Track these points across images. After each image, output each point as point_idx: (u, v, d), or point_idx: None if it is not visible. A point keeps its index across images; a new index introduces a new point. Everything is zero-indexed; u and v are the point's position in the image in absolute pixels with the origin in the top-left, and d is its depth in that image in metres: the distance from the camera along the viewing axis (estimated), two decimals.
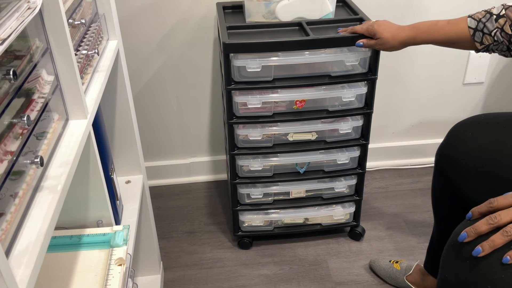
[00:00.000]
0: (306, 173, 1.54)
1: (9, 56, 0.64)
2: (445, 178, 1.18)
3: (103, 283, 0.86)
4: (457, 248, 0.81)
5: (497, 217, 0.77)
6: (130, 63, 1.60)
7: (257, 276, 1.55)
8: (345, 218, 1.64)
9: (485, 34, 1.10)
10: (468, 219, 0.83)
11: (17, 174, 0.62)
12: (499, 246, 0.75)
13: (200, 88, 1.80)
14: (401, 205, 1.83)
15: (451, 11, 1.73)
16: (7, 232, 0.57)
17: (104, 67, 1.02)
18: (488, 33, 1.09)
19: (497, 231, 0.76)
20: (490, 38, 1.09)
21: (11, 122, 0.61)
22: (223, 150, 1.94)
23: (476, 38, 1.11)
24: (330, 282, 1.52)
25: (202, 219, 1.80)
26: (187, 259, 1.63)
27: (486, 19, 1.09)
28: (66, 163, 0.73)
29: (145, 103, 1.80)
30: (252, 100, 1.38)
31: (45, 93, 0.73)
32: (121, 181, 1.30)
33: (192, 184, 1.98)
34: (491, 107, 1.96)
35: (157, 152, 1.92)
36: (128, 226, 0.98)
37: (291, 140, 1.49)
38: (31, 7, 0.66)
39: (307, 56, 1.34)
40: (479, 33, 1.10)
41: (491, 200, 0.80)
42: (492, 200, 0.80)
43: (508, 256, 0.74)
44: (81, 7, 0.94)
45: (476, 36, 1.11)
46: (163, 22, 1.66)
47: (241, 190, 1.55)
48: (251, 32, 1.38)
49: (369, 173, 1.97)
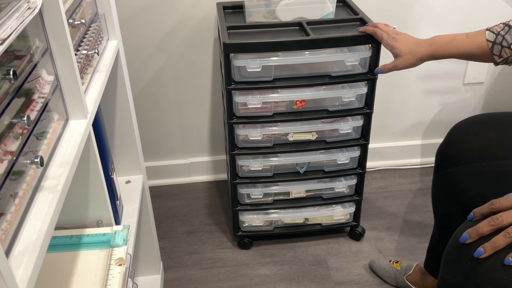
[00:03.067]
0: (306, 173, 1.54)
1: (9, 56, 0.64)
2: (445, 177, 1.18)
3: (103, 283, 0.86)
4: (458, 249, 0.81)
5: (499, 218, 0.77)
6: (130, 63, 1.59)
7: (257, 276, 1.55)
8: (345, 218, 1.64)
9: (504, 47, 1.07)
10: (470, 220, 0.83)
11: (17, 174, 0.62)
12: (501, 247, 0.75)
13: (200, 88, 1.80)
14: (401, 205, 1.83)
15: (453, 11, 1.73)
16: (7, 232, 0.57)
17: (104, 67, 1.02)
18: (507, 46, 1.06)
19: (499, 233, 0.76)
20: (509, 51, 1.07)
21: (11, 122, 0.61)
22: (223, 150, 1.94)
23: (494, 51, 1.09)
24: (330, 282, 1.52)
25: (202, 219, 1.80)
26: (187, 259, 1.63)
27: (504, 32, 1.06)
28: (66, 163, 0.73)
29: (145, 103, 1.80)
30: (252, 100, 1.38)
31: (45, 93, 0.73)
32: (121, 181, 1.30)
33: (192, 184, 1.98)
34: (491, 107, 1.96)
35: (157, 152, 1.92)
36: (128, 226, 0.98)
37: (291, 140, 1.48)
38: (31, 7, 0.66)
39: (307, 56, 1.34)
40: (497, 46, 1.08)
41: (493, 201, 0.80)
42: (494, 201, 0.80)
43: (510, 257, 0.74)
44: (81, 7, 0.93)
45: (495, 49, 1.08)
46: (163, 22, 1.66)
47: (241, 190, 1.55)
48: (251, 32, 1.38)
49: (369, 173, 1.97)
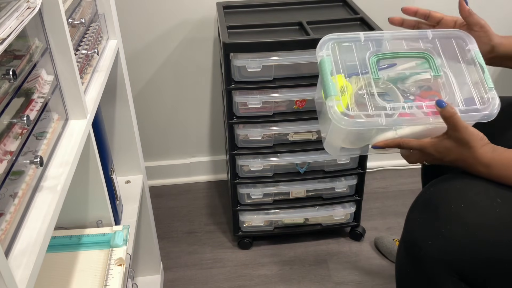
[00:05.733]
0: (306, 173, 1.54)
1: (8, 55, 0.64)
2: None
3: (103, 283, 0.86)
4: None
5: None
6: (130, 63, 1.59)
7: (257, 276, 1.55)
8: (345, 218, 1.64)
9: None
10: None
11: (17, 174, 0.62)
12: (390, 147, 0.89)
13: (200, 88, 1.80)
14: (401, 205, 1.83)
15: (455, 12, 1.73)
16: (7, 232, 0.57)
17: (104, 67, 1.02)
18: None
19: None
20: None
21: (10, 122, 0.61)
22: (223, 150, 1.94)
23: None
24: (330, 282, 1.52)
25: (202, 219, 1.80)
26: (187, 259, 1.63)
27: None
28: (65, 163, 0.73)
29: (145, 103, 1.79)
30: (252, 100, 1.38)
31: (45, 93, 0.73)
32: (121, 181, 1.30)
33: (192, 184, 1.98)
34: None
35: (157, 152, 1.92)
36: (128, 226, 0.98)
37: (291, 140, 1.48)
38: (30, 7, 0.66)
39: (307, 56, 1.34)
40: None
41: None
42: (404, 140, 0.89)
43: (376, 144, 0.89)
44: (80, 7, 0.93)
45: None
46: (163, 22, 1.65)
47: (241, 190, 1.55)
48: (251, 32, 1.38)
49: (369, 173, 1.97)
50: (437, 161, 0.89)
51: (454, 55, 0.94)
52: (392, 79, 0.92)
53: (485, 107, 0.88)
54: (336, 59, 0.92)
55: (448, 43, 0.95)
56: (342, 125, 0.86)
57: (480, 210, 0.82)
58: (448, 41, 0.95)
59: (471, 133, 0.84)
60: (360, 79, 0.90)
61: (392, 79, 0.92)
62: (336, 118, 0.86)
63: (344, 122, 0.85)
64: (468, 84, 0.91)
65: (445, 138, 0.86)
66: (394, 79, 0.92)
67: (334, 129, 0.89)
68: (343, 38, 0.95)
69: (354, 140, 0.96)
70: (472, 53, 0.93)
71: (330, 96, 0.87)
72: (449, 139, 0.85)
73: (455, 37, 0.96)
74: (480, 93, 0.90)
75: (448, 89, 0.90)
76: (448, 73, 0.92)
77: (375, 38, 0.95)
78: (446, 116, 0.84)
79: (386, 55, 0.93)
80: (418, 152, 0.90)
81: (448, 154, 0.86)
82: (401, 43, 0.96)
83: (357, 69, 0.92)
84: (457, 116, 0.83)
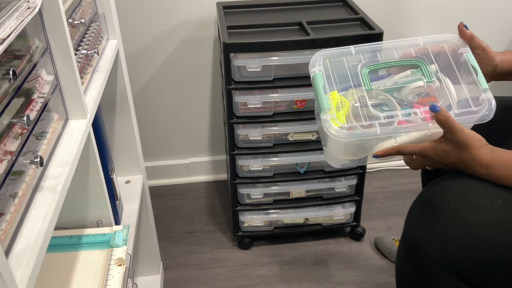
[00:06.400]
0: (306, 173, 1.54)
1: (8, 55, 0.64)
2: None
3: (103, 283, 0.86)
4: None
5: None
6: (130, 63, 1.59)
7: (257, 276, 1.55)
8: (345, 218, 1.64)
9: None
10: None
11: (17, 174, 0.62)
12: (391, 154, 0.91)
13: (200, 88, 1.80)
14: (401, 205, 1.83)
15: (454, 11, 1.73)
16: (7, 232, 0.57)
17: (104, 67, 1.02)
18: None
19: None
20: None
21: (10, 122, 0.61)
22: (223, 150, 1.94)
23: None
24: (330, 282, 1.52)
25: (202, 219, 1.80)
26: (187, 259, 1.63)
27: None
28: (65, 163, 0.73)
29: (145, 103, 1.79)
30: (252, 100, 1.38)
31: (45, 93, 0.73)
32: (121, 181, 1.30)
33: (192, 184, 1.98)
34: None
35: (157, 152, 1.92)
36: (128, 226, 0.98)
37: (291, 140, 1.48)
38: (30, 7, 0.66)
39: (307, 56, 1.34)
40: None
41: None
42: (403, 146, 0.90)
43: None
44: (80, 7, 0.93)
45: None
46: (163, 22, 1.65)
47: (241, 190, 1.55)
48: (251, 32, 1.38)
49: (369, 173, 1.97)
50: (439, 165, 0.90)
51: (447, 59, 0.94)
52: (388, 89, 0.93)
53: (480, 108, 0.88)
54: (328, 73, 0.93)
55: (440, 49, 0.96)
56: (337, 137, 0.87)
57: (480, 210, 0.82)
58: (440, 47, 0.96)
59: (468, 135, 0.84)
60: (355, 92, 0.91)
61: (389, 89, 0.93)
62: (331, 131, 0.87)
63: (339, 135, 0.87)
64: (463, 87, 0.91)
65: (443, 141, 0.86)
66: (390, 90, 0.93)
67: (332, 142, 0.91)
68: (334, 53, 0.96)
69: (355, 151, 0.97)
70: (465, 56, 0.93)
71: (324, 110, 0.89)
72: (447, 142, 0.86)
73: (447, 42, 0.96)
74: (475, 95, 0.90)
75: (444, 93, 0.91)
76: (443, 77, 0.93)
77: (366, 50, 0.96)
78: (440, 120, 0.84)
79: (378, 65, 0.94)
80: (419, 157, 0.91)
81: (448, 157, 0.87)
82: (392, 52, 0.97)
83: (349, 82, 0.93)
84: (451, 119, 0.84)
